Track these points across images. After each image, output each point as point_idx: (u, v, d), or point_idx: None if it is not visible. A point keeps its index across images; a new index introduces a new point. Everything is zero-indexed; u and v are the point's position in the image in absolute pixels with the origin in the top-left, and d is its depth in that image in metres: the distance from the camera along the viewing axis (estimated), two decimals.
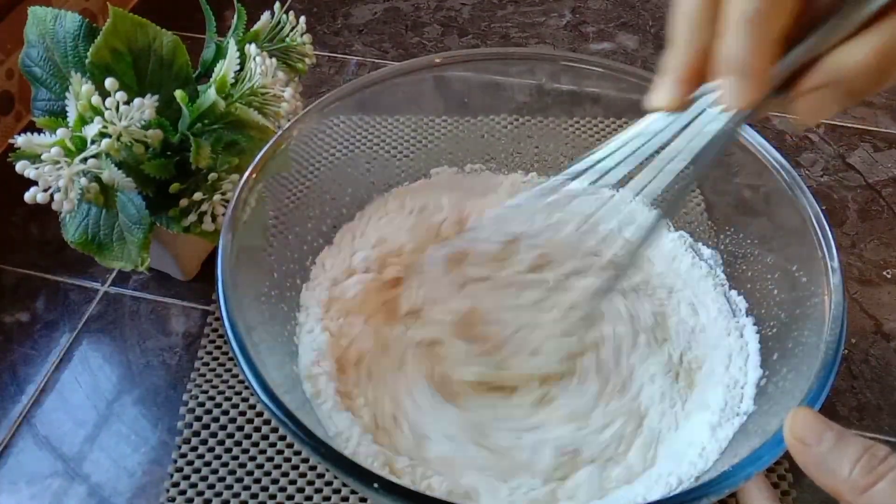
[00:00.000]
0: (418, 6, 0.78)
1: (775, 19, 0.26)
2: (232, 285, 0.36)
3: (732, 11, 0.27)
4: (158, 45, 0.46)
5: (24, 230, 0.57)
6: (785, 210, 0.41)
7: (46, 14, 0.46)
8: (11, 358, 0.49)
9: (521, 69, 0.50)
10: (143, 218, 0.44)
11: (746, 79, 0.28)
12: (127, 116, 0.42)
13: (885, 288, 0.54)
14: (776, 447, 0.31)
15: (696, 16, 0.28)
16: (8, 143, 0.49)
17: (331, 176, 0.48)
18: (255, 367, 0.33)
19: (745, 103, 0.28)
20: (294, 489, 0.43)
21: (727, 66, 0.28)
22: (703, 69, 0.29)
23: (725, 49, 0.28)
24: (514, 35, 0.75)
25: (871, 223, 0.58)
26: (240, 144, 0.46)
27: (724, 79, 0.28)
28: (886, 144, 0.64)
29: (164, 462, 0.44)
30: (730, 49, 0.27)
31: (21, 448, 0.45)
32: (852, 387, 0.48)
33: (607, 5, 0.79)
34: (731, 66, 0.28)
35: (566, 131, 0.54)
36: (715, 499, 0.30)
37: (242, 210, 0.40)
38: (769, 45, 0.27)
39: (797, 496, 0.43)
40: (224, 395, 0.46)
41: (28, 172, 0.41)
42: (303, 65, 0.53)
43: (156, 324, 0.51)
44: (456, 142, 0.53)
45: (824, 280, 0.37)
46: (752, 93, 0.28)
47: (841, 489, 0.27)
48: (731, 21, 0.27)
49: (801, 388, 0.34)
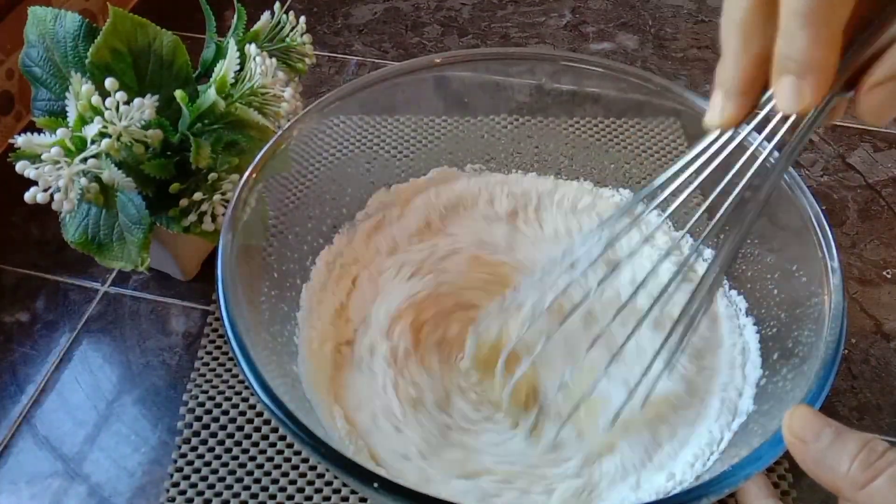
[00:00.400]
0: (418, 6, 0.78)
1: (834, 9, 0.24)
2: (232, 285, 0.36)
3: (786, 8, 0.24)
4: (158, 45, 0.46)
5: (24, 230, 0.57)
6: (785, 210, 0.40)
7: (46, 14, 0.46)
8: (11, 358, 0.49)
9: (521, 69, 0.50)
10: (143, 218, 0.44)
11: (806, 76, 0.25)
12: (127, 116, 0.42)
13: (884, 288, 0.54)
14: (776, 447, 0.31)
15: (748, 19, 0.26)
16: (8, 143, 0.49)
17: (331, 176, 0.48)
18: (255, 367, 0.33)
19: (805, 105, 0.25)
20: (294, 489, 0.43)
21: (785, 64, 0.25)
22: (762, 78, 0.27)
23: (783, 47, 0.25)
24: (514, 35, 0.75)
25: (871, 223, 0.58)
26: (240, 144, 0.46)
27: (782, 80, 0.26)
28: (886, 144, 0.64)
29: (164, 462, 0.44)
30: (787, 47, 0.25)
31: (21, 448, 0.45)
32: (852, 386, 0.48)
33: (607, 5, 0.79)
34: (790, 65, 0.25)
35: (566, 131, 0.54)
36: (715, 498, 0.30)
37: (242, 210, 0.40)
38: (829, 37, 0.24)
39: (797, 496, 0.43)
40: (224, 394, 0.46)
41: (28, 172, 0.41)
42: (303, 65, 0.53)
43: (156, 324, 0.51)
44: (456, 142, 0.53)
45: (824, 280, 0.37)
46: (812, 92, 0.25)
47: (840, 485, 0.27)
48: (786, 16, 0.25)
49: (800, 387, 0.34)
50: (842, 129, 0.65)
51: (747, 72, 0.27)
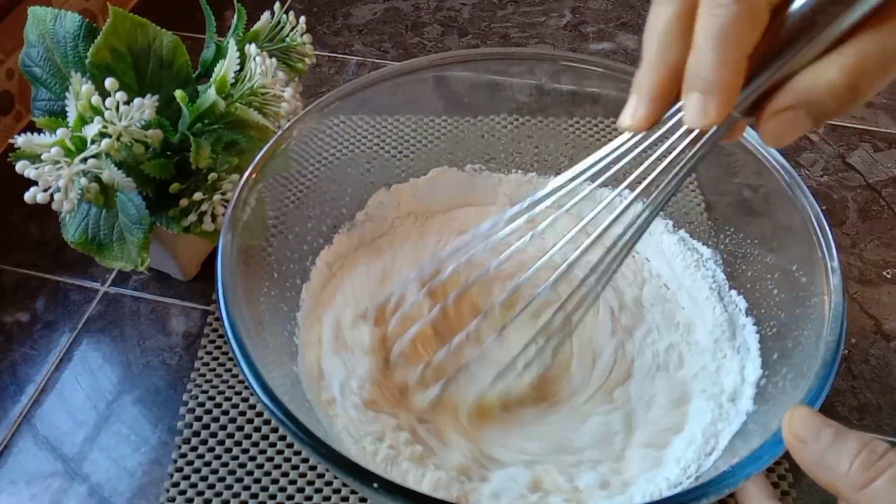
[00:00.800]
0: (418, 6, 0.78)
1: (743, 36, 0.26)
2: (232, 285, 0.36)
3: (699, 27, 0.26)
4: (158, 45, 0.46)
5: (23, 230, 0.57)
6: (785, 210, 0.41)
7: (46, 14, 0.46)
8: (11, 358, 0.49)
9: (521, 69, 0.50)
10: (143, 218, 0.44)
11: (711, 95, 0.26)
12: (127, 116, 0.42)
13: (884, 288, 0.54)
14: (776, 447, 0.31)
15: (667, 33, 0.27)
16: (8, 142, 0.49)
17: (331, 176, 0.48)
18: (255, 367, 0.33)
19: (708, 121, 0.27)
20: (294, 489, 0.43)
21: (692, 81, 0.27)
22: (675, 89, 0.28)
23: (691, 65, 0.27)
24: (514, 35, 0.75)
25: (871, 223, 0.58)
26: (240, 144, 0.46)
27: (690, 95, 0.27)
28: (886, 144, 0.64)
29: (164, 462, 0.44)
30: (696, 64, 0.27)
31: (21, 448, 0.45)
32: (852, 386, 0.48)
33: (607, 5, 0.79)
34: (697, 82, 0.27)
35: (566, 131, 0.54)
36: (715, 498, 0.30)
37: (242, 210, 0.40)
38: (736, 61, 0.26)
39: (797, 496, 0.43)
40: (224, 394, 0.46)
41: (28, 172, 0.41)
42: (303, 65, 0.53)
43: (156, 324, 0.51)
44: (456, 142, 0.53)
45: (824, 280, 0.37)
46: (716, 110, 0.27)
47: (840, 486, 0.27)
48: (699, 35, 0.26)
49: (800, 388, 0.34)
50: (842, 128, 0.65)
51: (661, 80, 0.28)
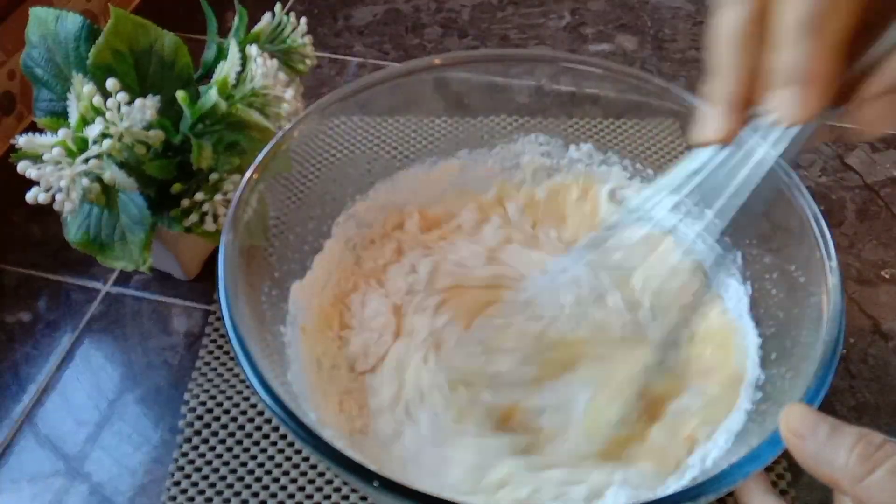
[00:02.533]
0: (419, 8, 0.79)
1: (834, 21, 0.24)
2: (233, 285, 0.36)
3: (787, 18, 0.25)
4: (160, 46, 0.46)
5: (25, 230, 0.57)
6: (783, 210, 0.41)
7: (48, 15, 0.46)
8: (13, 358, 0.50)
9: (520, 70, 0.50)
10: (145, 218, 0.44)
11: (808, 86, 0.25)
12: (128, 117, 0.42)
13: (883, 288, 0.54)
14: (774, 446, 0.31)
15: (740, 35, 0.26)
16: (10, 143, 0.49)
17: (331, 176, 0.48)
18: (256, 366, 0.33)
19: (808, 114, 0.26)
20: (295, 487, 0.43)
21: (786, 76, 0.25)
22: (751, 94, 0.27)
23: (783, 59, 0.25)
24: (514, 36, 0.75)
25: (870, 223, 0.58)
26: (241, 145, 0.46)
27: (783, 91, 0.26)
28: (885, 145, 0.64)
29: (166, 461, 0.44)
30: (788, 57, 0.25)
31: (23, 447, 0.45)
32: (851, 386, 0.49)
33: (606, 7, 0.79)
34: (791, 76, 0.25)
35: (566, 132, 0.54)
36: (714, 497, 0.30)
37: (244, 210, 0.40)
38: (830, 49, 0.25)
39: (796, 494, 0.43)
40: (225, 393, 0.47)
41: (29, 173, 0.41)
42: (304, 66, 0.53)
43: (157, 323, 0.51)
44: (456, 142, 0.53)
45: (823, 280, 0.37)
46: (814, 101, 0.25)
47: (838, 479, 0.27)
48: (787, 25, 0.25)
49: (799, 387, 0.34)
50: (840, 129, 0.65)
51: (741, 87, 0.27)
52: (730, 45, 0.27)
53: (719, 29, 0.27)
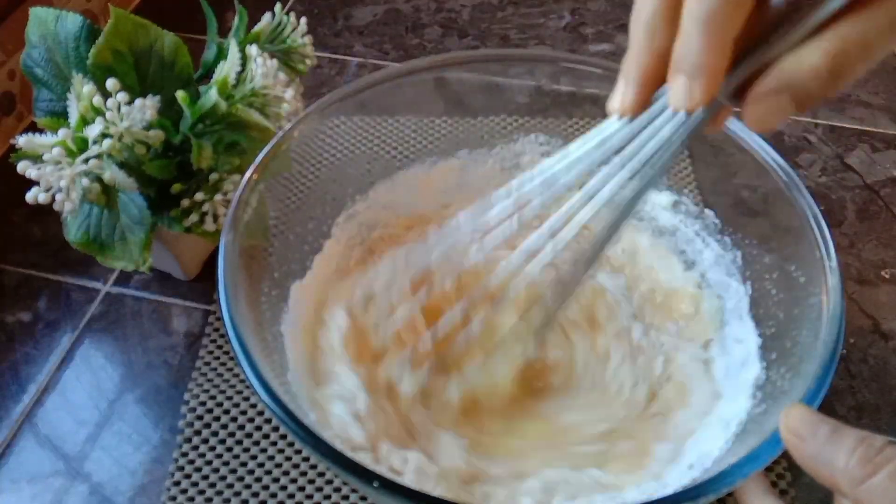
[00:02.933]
0: (419, 8, 0.79)
1: (729, 20, 0.26)
2: (233, 285, 0.36)
3: (688, 11, 0.27)
4: (160, 46, 0.46)
5: (25, 230, 0.57)
6: (783, 210, 0.41)
7: (48, 15, 0.46)
8: (13, 358, 0.50)
9: (520, 70, 0.50)
10: (145, 218, 0.44)
11: (697, 78, 0.27)
12: (128, 117, 0.42)
13: (882, 288, 0.54)
14: (774, 446, 0.31)
15: (653, 18, 0.28)
16: (10, 143, 0.49)
17: (331, 176, 0.48)
18: (256, 366, 0.33)
19: (693, 104, 0.28)
20: (295, 487, 0.43)
21: (679, 65, 0.28)
22: (662, 73, 0.29)
23: (678, 49, 0.27)
24: (514, 36, 0.75)
25: (870, 223, 0.58)
26: (241, 145, 0.46)
27: (676, 78, 0.28)
28: (884, 145, 0.64)
29: (166, 461, 0.44)
30: (683, 48, 0.27)
31: (23, 447, 0.45)
32: (850, 386, 0.49)
33: (606, 7, 0.79)
34: (683, 66, 0.27)
35: (566, 132, 0.54)
36: (714, 497, 0.31)
37: (243, 210, 0.40)
38: (721, 45, 0.26)
39: (795, 495, 0.43)
40: (225, 393, 0.47)
41: (29, 173, 0.41)
42: (303, 66, 0.53)
43: (157, 323, 0.51)
44: (456, 142, 0.53)
45: (822, 280, 0.37)
46: (701, 92, 0.27)
47: (838, 481, 0.27)
48: (686, 19, 0.27)
49: (799, 387, 0.34)
50: (840, 129, 0.66)
51: (648, 65, 0.29)
52: (641, 27, 0.29)
53: (635, 11, 0.29)
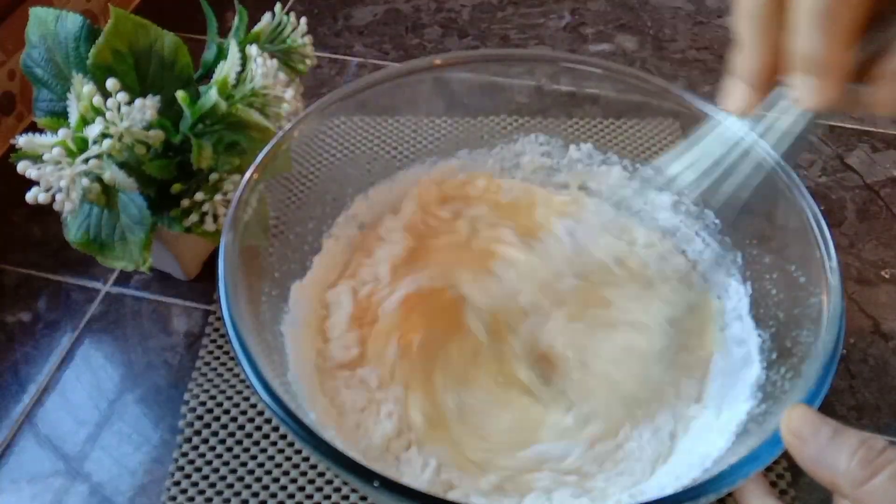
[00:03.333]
0: (419, 8, 0.79)
1: (848, 10, 0.25)
2: (233, 285, 0.36)
3: (802, 7, 0.25)
4: (160, 46, 0.46)
5: (25, 230, 0.57)
6: (783, 210, 0.41)
7: (48, 15, 0.46)
8: (13, 357, 0.50)
9: (520, 70, 0.50)
10: (145, 218, 0.44)
11: (824, 76, 0.26)
12: (128, 117, 0.42)
13: (883, 288, 0.54)
14: (774, 446, 0.31)
15: (761, 13, 0.27)
16: (10, 143, 0.49)
17: (331, 176, 0.48)
18: (256, 366, 0.33)
19: (824, 101, 0.27)
20: (295, 487, 0.43)
21: (803, 63, 0.26)
22: (776, 67, 0.28)
23: (799, 46, 0.26)
24: (514, 36, 0.75)
25: (870, 223, 0.58)
26: (241, 145, 0.46)
27: (801, 77, 0.27)
28: (885, 145, 0.64)
29: (166, 461, 0.44)
30: (804, 46, 0.26)
31: (23, 447, 0.45)
32: (851, 386, 0.49)
33: (606, 7, 0.79)
34: (808, 64, 0.26)
35: (565, 132, 0.54)
36: (713, 497, 0.30)
37: (244, 210, 0.40)
38: (844, 37, 0.25)
39: (795, 495, 0.43)
40: (225, 393, 0.47)
41: (29, 173, 0.41)
42: (304, 66, 0.53)
43: (157, 323, 0.51)
44: (456, 142, 0.53)
45: (823, 280, 0.37)
46: (831, 90, 0.26)
47: (839, 482, 0.27)
48: (802, 15, 0.25)
49: (799, 387, 0.34)
50: (840, 129, 0.66)
51: (766, 62, 0.28)
52: (751, 23, 0.28)
53: (741, 8, 0.28)
